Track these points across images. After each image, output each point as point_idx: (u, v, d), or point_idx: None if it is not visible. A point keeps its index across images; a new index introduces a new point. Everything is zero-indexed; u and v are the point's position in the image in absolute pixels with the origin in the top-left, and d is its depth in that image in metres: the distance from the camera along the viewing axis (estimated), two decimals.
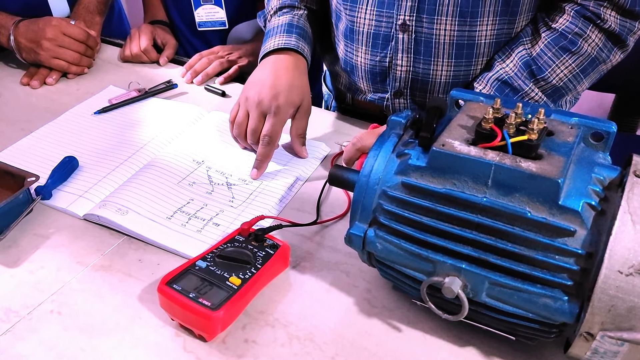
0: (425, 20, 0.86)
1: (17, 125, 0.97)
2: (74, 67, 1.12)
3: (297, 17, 0.97)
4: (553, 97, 0.86)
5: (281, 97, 0.85)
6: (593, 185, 0.51)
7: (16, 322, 0.62)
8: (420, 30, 0.87)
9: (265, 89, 0.85)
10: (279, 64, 0.90)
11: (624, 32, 0.81)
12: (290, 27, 0.94)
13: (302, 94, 0.88)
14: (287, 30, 0.94)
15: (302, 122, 0.89)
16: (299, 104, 0.87)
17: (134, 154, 0.89)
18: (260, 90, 0.86)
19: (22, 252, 0.71)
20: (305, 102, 0.88)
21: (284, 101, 0.85)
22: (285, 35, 0.93)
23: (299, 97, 0.87)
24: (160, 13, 1.30)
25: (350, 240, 0.59)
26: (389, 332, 0.62)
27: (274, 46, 0.92)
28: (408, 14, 0.86)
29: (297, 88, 0.87)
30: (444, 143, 0.53)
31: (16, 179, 0.76)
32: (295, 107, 0.87)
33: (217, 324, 0.59)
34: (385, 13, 0.88)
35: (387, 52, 0.91)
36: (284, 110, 0.85)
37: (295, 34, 0.93)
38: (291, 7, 0.99)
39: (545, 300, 0.51)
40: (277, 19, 0.97)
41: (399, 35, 0.88)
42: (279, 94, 0.85)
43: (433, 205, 0.54)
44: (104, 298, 0.65)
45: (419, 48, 0.88)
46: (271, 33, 0.95)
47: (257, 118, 0.85)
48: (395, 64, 0.91)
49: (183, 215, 0.76)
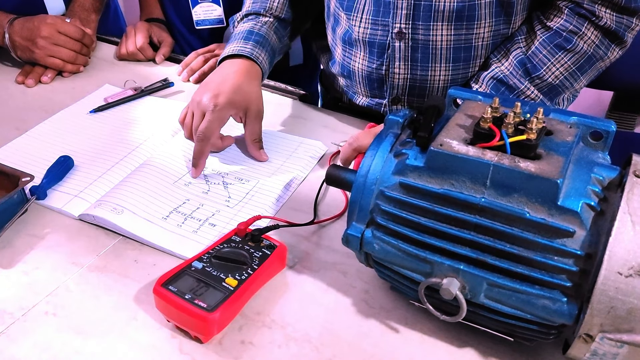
0: (421, 27, 0.85)
1: (11, 124, 0.96)
2: (69, 66, 1.11)
3: (260, 24, 0.97)
4: (549, 95, 0.86)
5: (221, 97, 0.84)
6: (592, 185, 0.50)
7: (10, 323, 0.61)
8: (417, 38, 0.86)
9: (209, 89, 0.85)
10: (229, 68, 0.89)
11: (621, 28, 0.81)
12: (249, 34, 0.94)
13: (249, 99, 0.86)
14: (245, 37, 0.94)
15: (254, 127, 0.87)
16: (244, 106, 0.86)
17: (130, 153, 0.88)
18: (204, 90, 0.86)
19: (17, 252, 0.70)
20: (254, 106, 0.87)
21: (224, 100, 0.83)
22: (242, 41, 0.93)
23: (244, 100, 0.86)
24: (156, 11, 1.29)
25: (348, 241, 0.59)
26: (387, 333, 0.62)
27: (228, 52, 0.92)
28: (404, 22, 0.85)
29: (243, 91, 0.86)
30: (442, 143, 0.53)
31: (10, 179, 0.75)
32: (237, 109, 0.85)
33: (213, 326, 0.58)
34: (381, 21, 0.88)
35: (383, 60, 0.90)
36: (221, 109, 0.83)
37: (253, 41, 0.93)
38: (256, 14, 0.99)
39: (544, 302, 0.50)
40: (242, 26, 0.98)
41: (396, 43, 0.88)
42: (220, 94, 0.84)
43: (431, 205, 0.53)
44: (100, 299, 0.65)
45: (416, 55, 0.88)
46: (231, 39, 0.96)
47: (198, 117, 0.85)
48: (393, 72, 0.91)
49: (179, 215, 0.76)
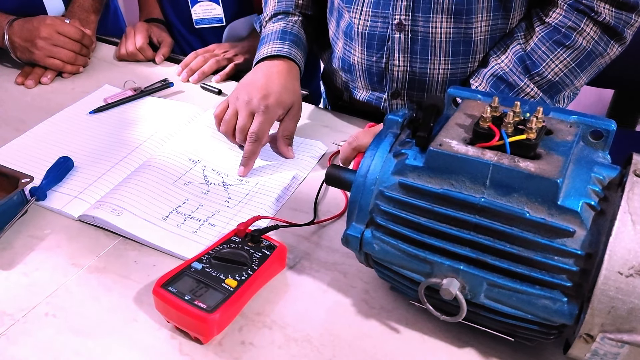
0: (421, 19, 0.86)
1: (11, 125, 0.96)
2: (69, 66, 1.11)
3: (292, 23, 0.98)
4: (550, 92, 0.85)
5: (271, 98, 0.86)
6: (592, 185, 0.50)
7: (10, 325, 0.61)
8: (417, 30, 0.87)
9: (256, 89, 0.86)
10: (271, 68, 0.91)
11: (620, 24, 0.81)
12: (284, 34, 0.96)
13: (293, 98, 0.89)
14: (280, 37, 0.95)
15: (290, 124, 0.89)
16: (289, 106, 0.88)
17: (130, 153, 0.88)
18: (251, 90, 0.87)
19: (17, 254, 0.70)
20: (296, 105, 0.90)
21: (274, 101, 0.86)
22: (278, 42, 0.94)
23: (290, 100, 0.88)
24: (155, 11, 1.29)
25: (347, 241, 0.59)
26: (387, 334, 0.61)
27: (267, 53, 0.93)
28: (404, 13, 0.86)
29: (289, 91, 0.88)
30: (442, 143, 0.53)
31: (10, 180, 0.75)
32: (284, 109, 0.88)
33: (213, 327, 0.58)
34: (381, 13, 0.88)
35: (383, 52, 0.90)
36: (273, 110, 0.86)
37: (289, 41, 0.94)
38: (286, 13, 1.00)
39: (545, 302, 0.50)
40: (272, 26, 0.98)
41: (395, 35, 0.88)
42: (269, 95, 0.86)
43: (430, 205, 0.53)
44: (99, 300, 0.65)
45: (416, 47, 0.88)
46: (265, 40, 0.97)
47: (246, 116, 0.86)
48: (392, 64, 0.91)
49: (179, 215, 0.76)
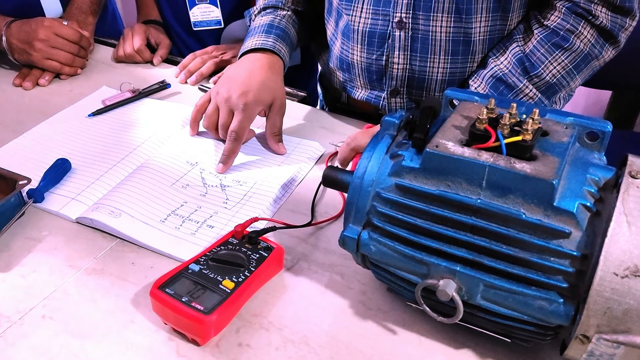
0: (422, 17, 0.86)
1: (9, 127, 0.96)
2: (66, 68, 1.11)
3: (279, 17, 0.98)
4: (547, 93, 0.86)
5: (250, 95, 0.85)
6: (588, 186, 0.50)
7: (7, 327, 0.61)
8: (417, 28, 0.87)
9: (236, 85, 0.86)
10: (254, 62, 0.91)
11: (615, 28, 0.82)
12: (270, 27, 0.96)
13: (274, 93, 0.88)
14: (266, 31, 0.95)
15: (276, 120, 0.89)
16: (270, 102, 0.88)
17: (127, 155, 0.88)
18: (231, 86, 0.87)
19: (14, 256, 0.70)
20: (277, 101, 0.89)
21: (252, 99, 0.85)
22: (263, 35, 0.94)
23: (270, 96, 0.88)
24: (153, 12, 1.29)
25: (344, 243, 0.59)
26: (384, 335, 0.61)
27: (251, 46, 0.93)
28: (404, 11, 0.86)
29: (269, 87, 0.88)
30: (438, 144, 0.53)
31: (7, 182, 0.75)
32: (264, 105, 0.88)
33: (210, 328, 0.58)
34: (382, 11, 0.88)
35: (383, 50, 0.91)
36: (251, 108, 0.85)
37: (274, 35, 0.94)
38: (274, 7, 1.01)
39: (541, 303, 0.50)
40: (260, 19, 0.99)
41: (396, 32, 0.88)
42: (248, 92, 0.85)
43: (427, 207, 0.53)
44: (97, 302, 0.65)
45: (416, 45, 0.88)
46: (252, 32, 0.97)
47: (226, 114, 0.86)
48: (392, 62, 0.91)
49: (177, 218, 0.76)
